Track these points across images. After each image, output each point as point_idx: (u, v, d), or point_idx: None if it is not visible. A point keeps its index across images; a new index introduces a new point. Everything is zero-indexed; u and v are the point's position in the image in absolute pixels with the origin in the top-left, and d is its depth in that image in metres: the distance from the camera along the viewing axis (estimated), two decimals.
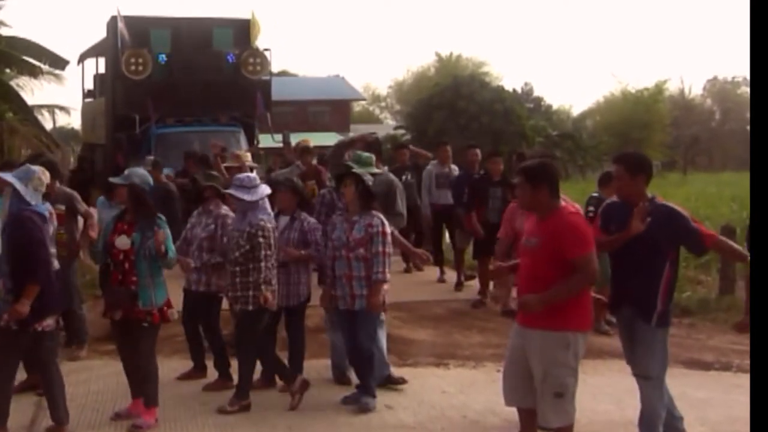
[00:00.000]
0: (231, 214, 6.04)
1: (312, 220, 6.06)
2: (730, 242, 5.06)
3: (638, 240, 4.52)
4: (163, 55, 13.71)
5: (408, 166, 10.84)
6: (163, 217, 5.32)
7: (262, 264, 5.47)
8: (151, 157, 8.09)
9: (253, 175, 5.72)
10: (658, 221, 4.51)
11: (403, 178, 10.46)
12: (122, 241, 5.22)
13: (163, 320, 5.35)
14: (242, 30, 14.09)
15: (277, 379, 6.04)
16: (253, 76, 13.91)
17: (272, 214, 5.84)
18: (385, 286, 5.65)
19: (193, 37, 13.89)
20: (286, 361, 6.03)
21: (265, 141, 15.14)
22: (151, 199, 5.39)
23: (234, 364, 5.85)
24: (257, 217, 5.49)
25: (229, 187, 5.89)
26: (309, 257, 5.95)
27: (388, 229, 5.62)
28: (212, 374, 6.21)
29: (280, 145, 12.39)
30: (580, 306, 4.43)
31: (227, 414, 5.49)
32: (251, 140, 13.81)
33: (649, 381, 4.68)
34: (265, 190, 5.63)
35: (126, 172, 5.58)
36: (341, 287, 5.63)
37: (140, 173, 5.55)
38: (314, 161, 8.76)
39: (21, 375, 6.00)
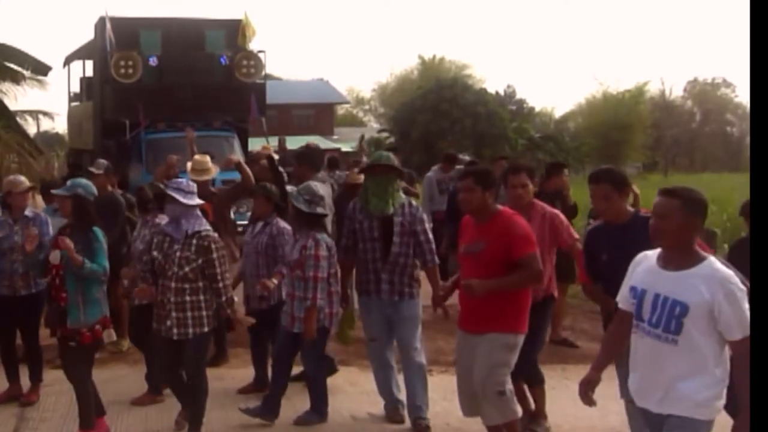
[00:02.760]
0: None
1: (282, 224, 5.99)
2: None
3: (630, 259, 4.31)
4: (154, 58, 13.37)
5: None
6: (100, 231, 5.06)
7: (221, 284, 4.98)
8: (104, 161, 7.78)
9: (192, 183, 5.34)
10: (642, 235, 4.21)
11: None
12: (54, 256, 5.02)
13: (94, 340, 5.03)
14: (235, 31, 13.78)
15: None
16: (247, 79, 13.61)
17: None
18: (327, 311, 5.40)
19: (184, 39, 13.56)
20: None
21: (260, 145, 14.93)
22: (95, 210, 5.16)
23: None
24: (202, 226, 5.02)
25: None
26: (279, 279, 5.83)
27: (323, 252, 5.32)
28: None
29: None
30: (524, 309, 4.62)
31: None
32: (245, 145, 13.61)
33: None
34: (198, 200, 5.16)
35: (69, 182, 5.28)
36: (288, 304, 5.51)
37: (84, 183, 5.25)
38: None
39: (3, 384, 6.10)
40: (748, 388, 3.10)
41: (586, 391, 3.59)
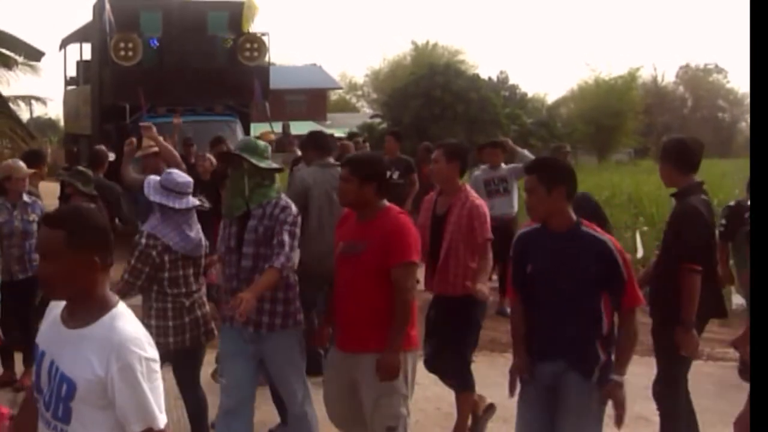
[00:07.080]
0: None
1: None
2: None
3: (564, 276, 3.56)
4: (155, 40, 13.08)
5: (398, 161, 8.99)
6: None
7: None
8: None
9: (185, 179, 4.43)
10: (586, 253, 3.55)
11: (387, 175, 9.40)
12: None
13: None
14: (239, 13, 13.48)
15: None
16: (250, 63, 13.34)
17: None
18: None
19: (186, 21, 13.26)
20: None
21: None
22: None
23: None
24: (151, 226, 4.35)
25: None
26: None
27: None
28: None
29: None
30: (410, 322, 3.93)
31: None
32: (247, 130, 13.38)
33: None
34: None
35: None
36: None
37: None
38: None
39: None
40: None
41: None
